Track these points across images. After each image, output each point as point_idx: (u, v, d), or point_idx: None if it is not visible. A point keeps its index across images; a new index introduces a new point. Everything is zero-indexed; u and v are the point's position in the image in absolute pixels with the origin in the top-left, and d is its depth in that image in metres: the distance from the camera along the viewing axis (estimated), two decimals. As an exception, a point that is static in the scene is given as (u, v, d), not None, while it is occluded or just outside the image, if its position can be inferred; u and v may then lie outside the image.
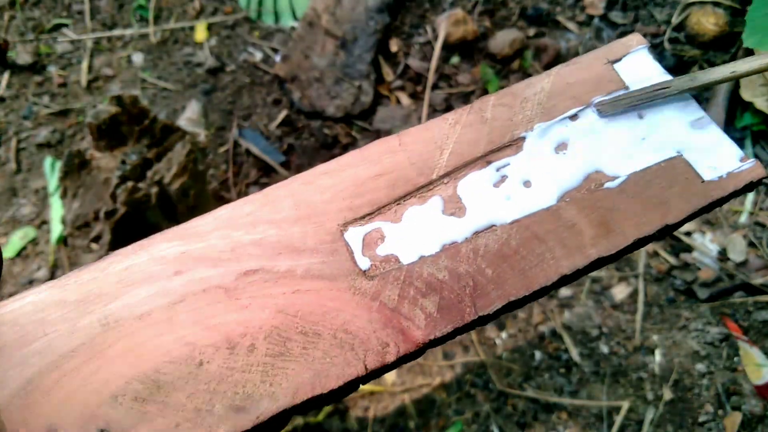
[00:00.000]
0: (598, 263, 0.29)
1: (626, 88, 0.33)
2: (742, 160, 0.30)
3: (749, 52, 1.15)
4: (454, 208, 0.30)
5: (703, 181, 0.30)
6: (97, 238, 0.73)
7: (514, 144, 0.32)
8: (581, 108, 0.32)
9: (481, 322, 0.28)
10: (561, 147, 0.31)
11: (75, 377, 0.25)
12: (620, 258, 0.30)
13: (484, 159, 0.31)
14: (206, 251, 0.28)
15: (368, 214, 0.30)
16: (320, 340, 0.26)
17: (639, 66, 0.33)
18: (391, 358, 0.26)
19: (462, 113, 0.32)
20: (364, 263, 0.29)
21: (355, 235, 0.29)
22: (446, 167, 0.31)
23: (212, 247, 0.28)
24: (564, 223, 0.29)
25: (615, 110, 0.30)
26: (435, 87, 1.20)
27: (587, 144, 0.31)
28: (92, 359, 0.25)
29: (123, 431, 0.24)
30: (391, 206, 0.30)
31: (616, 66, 0.33)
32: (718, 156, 0.31)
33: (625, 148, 0.31)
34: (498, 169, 0.31)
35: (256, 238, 0.29)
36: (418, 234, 0.29)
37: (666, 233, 0.30)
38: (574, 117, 0.32)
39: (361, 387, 0.29)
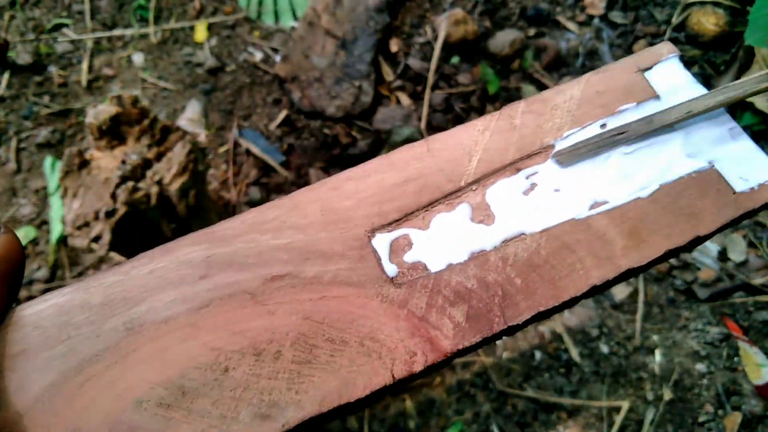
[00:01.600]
0: (628, 274, 0.29)
1: (657, 96, 0.33)
2: None
3: (749, 53, 1.15)
4: (483, 215, 0.30)
5: (734, 193, 0.30)
6: (97, 238, 0.73)
7: (544, 151, 0.31)
8: (610, 116, 0.32)
9: (509, 331, 0.27)
10: (592, 156, 0.31)
11: (99, 382, 0.24)
12: (650, 269, 0.30)
13: (513, 166, 0.31)
14: (232, 256, 0.28)
15: (396, 221, 0.29)
16: (347, 347, 0.26)
17: (670, 75, 0.33)
18: (418, 367, 0.26)
19: (491, 120, 0.32)
20: (391, 270, 0.28)
21: (382, 242, 0.29)
22: (475, 174, 0.31)
23: (238, 251, 0.28)
24: (594, 233, 0.29)
25: (574, 160, 0.29)
26: (435, 87, 1.20)
27: (619, 153, 0.31)
28: (116, 364, 0.25)
29: None
30: (418, 213, 0.30)
31: (647, 74, 0.33)
32: (749, 167, 0.30)
33: (657, 158, 0.31)
34: (527, 177, 0.31)
35: (282, 243, 0.28)
36: (447, 241, 0.29)
37: (696, 244, 0.30)
38: (603, 125, 0.32)
39: None
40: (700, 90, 0.33)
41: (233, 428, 0.24)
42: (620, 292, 1.02)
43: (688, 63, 1.19)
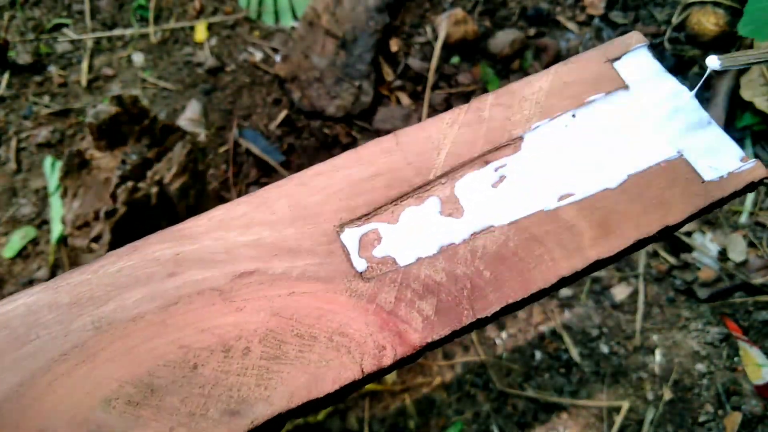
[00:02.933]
0: (598, 265, 0.28)
1: (626, 86, 0.32)
2: (742, 160, 0.30)
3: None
4: (452, 208, 0.30)
5: (703, 182, 0.30)
6: (97, 238, 0.73)
7: (513, 144, 0.31)
8: (580, 107, 0.32)
9: (479, 324, 0.27)
10: (559, 147, 0.31)
11: (67, 381, 0.24)
12: (620, 259, 0.29)
13: (482, 159, 0.31)
14: (200, 253, 0.28)
15: (365, 215, 0.29)
16: (316, 343, 0.26)
17: (639, 64, 0.33)
18: (388, 361, 0.26)
19: (459, 113, 0.32)
20: (360, 265, 0.28)
21: (351, 237, 0.29)
22: (443, 167, 0.31)
23: (206, 248, 0.28)
24: (563, 224, 0.29)
25: (734, 65, 0.29)
26: (435, 87, 1.20)
27: (586, 143, 0.30)
28: (85, 362, 0.25)
29: None
30: (387, 207, 0.30)
31: (616, 64, 0.33)
32: (718, 156, 0.30)
33: (624, 147, 0.30)
34: (496, 169, 0.31)
35: (251, 240, 0.28)
36: (416, 235, 0.29)
37: (666, 234, 0.30)
38: (574, 116, 0.32)
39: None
40: (669, 79, 0.32)
41: (202, 425, 0.24)
42: (620, 292, 1.02)
43: (688, 63, 1.19)
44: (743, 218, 1.07)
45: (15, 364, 0.25)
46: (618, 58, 0.33)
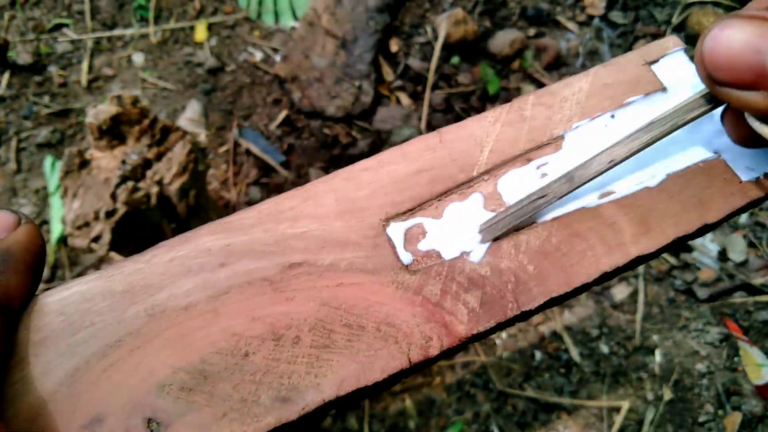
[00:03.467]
0: (638, 261, 0.29)
1: (664, 88, 0.33)
2: None
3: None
4: (495, 204, 0.30)
5: (741, 182, 0.30)
6: (97, 238, 0.73)
7: (554, 142, 0.32)
8: (618, 108, 0.33)
9: (522, 317, 0.28)
10: (599, 146, 0.31)
11: (121, 367, 0.25)
12: (659, 256, 0.30)
13: (524, 157, 0.32)
14: (250, 244, 0.28)
15: (409, 210, 0.30)
16: (364, 333, 0.27)
17: (676, 67, 0.34)
18: (434, 351, 0.27)
19: (502, 111, 0.33)
20: (406, 258, 0.29)
21: (397, 230, 0.29)
22: (486, 164, 0.31)
23: (256, 240, 0.28)
24: (604, 221, 0.30)
25: (495, 234, 0.29)
26: (435, 87, 1.20)
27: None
28: (139, 349, 0.25)
29: (170, 420, 0.24)
30: (432, 202, 0.30)
31: (654, 67, 0.34)
32: (755, 157, 0.31)
33: (664, 148, 0.31)
34: (538, 167, 0.31)
35: (299, 232, 0.29)
36: (460, 230, 0.30)
37: (704, 232, 0.31)
38: (612, 117, 0.32)
39: None
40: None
41: (254, 411, 0.25)
42: (620, 292, 1.02)
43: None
44: (743, 218, 1.07)
45: (70, 350, 0.25)
46: (656, 61, 0.34)
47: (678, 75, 0.34)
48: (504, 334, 0.99)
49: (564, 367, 0.96)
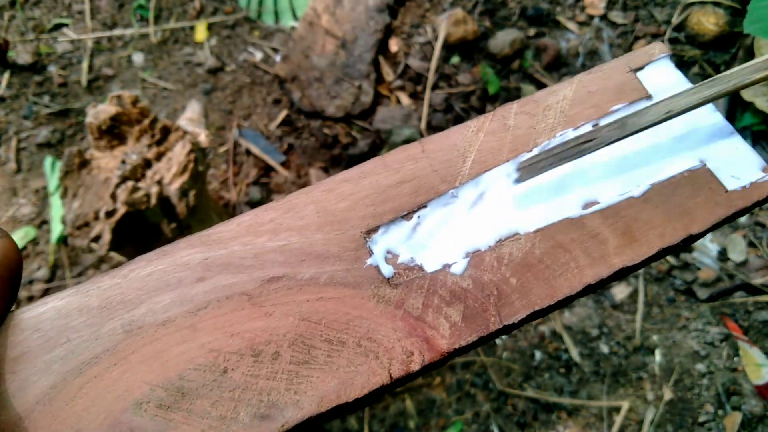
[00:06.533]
0: (623, 273, 0.29)
1: (649, 96, 0.33)
2: (764, 170, 0.30)
3: (750, 52, 1.15)
4: (478, 215, 0.30)
5: (726, 191, 0.30)
6: (97, 238, 0.73)
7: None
8: (603, 117, 0.32)
9: (505, 331, 0.28)
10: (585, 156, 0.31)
11: (98, 384, 0.25)
12: (644, 267, 0.30)
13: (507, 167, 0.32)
14: (229, 258, 0.28)
15: (391, 221, 0.30)
16: (345, 348, 0.26)
17: (661, 74, 0.34)
18: (416, 366, 0.26)
19: (484, 121, 0.32)
20: (387, 271, 0.28)
21: (378, 243, 0.29)
22: (469, 175, 0.31)
23: (235, 253, 0.28)
24: (588, 232, 0.29)
25: (534, 173, 0.29)
26: (435, 87, 1.20)
27: (610, 153, 0.31)
28: (116, 366, 0.25)
29: None
30: (414, 213, 0.30)
31: (639, 74, 0.34)
32: (741, 165, 0.31)
33: (648, 157, 0.31)
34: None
35: (279, 245, 0.29)
36: (442, 241, 0.29)
37: (689, 243, 0.30)
38: (596, 125, 0.32)
39: None
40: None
41: (233, 429, 0.24)
42: (620, 292, 1.02)
43: (688, 63, 1.20)
44: (743, 218, 1.07)
45: (46, 367, 0.25)
46: (641, 68, 0.34)
47: (663, 82, 0.33)
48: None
49: (564, 367, 0.96)
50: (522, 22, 1.27)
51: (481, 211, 0.30)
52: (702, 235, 0.30)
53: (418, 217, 0.30)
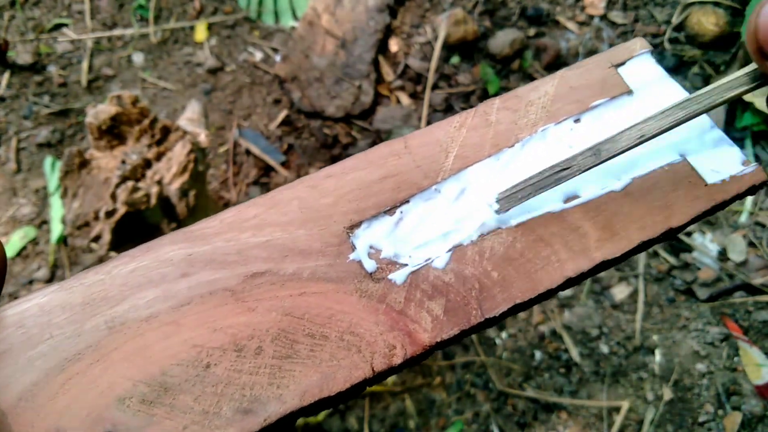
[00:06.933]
0: (603, 266, 0.29)
1: (630, 91, 0.33)
2: (744, 163, 0.30)
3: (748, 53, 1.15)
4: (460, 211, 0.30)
5: (706, 185, 0.30)
6: (97, 238, 0.73)
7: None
8: (584, 112, 0.32)
9: (487, 324, 0.28)
10: (564, 150, 0.31)
11: (81, 380, 0.25)
12: (624, 261, 0.30)
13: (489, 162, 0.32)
14: (212, 254, 0.28)
15: (374, 217, 0.30)
16: (327, 342, 0.27)
17: (643, 70, 0.34)
18: (398, 360, 0.26)
19: (467, 116, 0.33)
20: (370, 265, 0.29)
21: (360, 238, 0.29)
22: (451, 170, 0.31)
23: (218, 249, 0.28)
24: (569, 226, 0.29)
25: (513, 204, 0.29)
26: (435, 87, 1.20)
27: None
28: (98, 362, 0.25)
29: None
30: (396, 209, 0.30)
31: (620, 70, 0.34)
32: (720, 160, 0.31)
33: (630, 151, 0.31)
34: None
35: (262, 241, 0.29)
36: (424, 236, 0.30)
37: (670, 236, 0.30)
38: (577, 120, 0.32)
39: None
40: (672, 85, 0.33)
41: (215, 423, 0.25)
42: (620, 292, 1.02)
43: (687, 63, 1.20)
44: (743, 218, 1.07)
45: (29, 364, 0.25)
46: (622, 64, 0.34)
47: (645, 78, 0.33)
48: (504, 334, 0.99)
49: (564, 367, 0.96)
50: (522, 22, 1.27)
51: (463, 205, 0.30)
52: (682, 228, 0.30)
53: (401, 212, 0.30)
